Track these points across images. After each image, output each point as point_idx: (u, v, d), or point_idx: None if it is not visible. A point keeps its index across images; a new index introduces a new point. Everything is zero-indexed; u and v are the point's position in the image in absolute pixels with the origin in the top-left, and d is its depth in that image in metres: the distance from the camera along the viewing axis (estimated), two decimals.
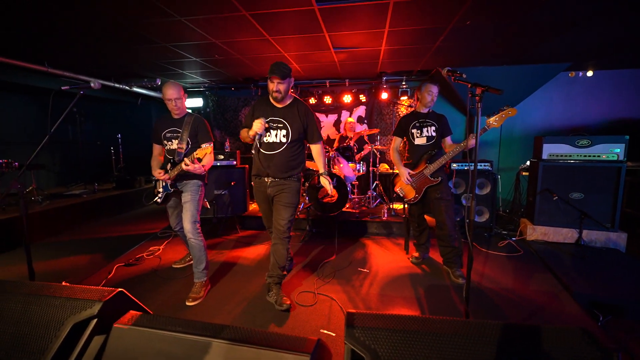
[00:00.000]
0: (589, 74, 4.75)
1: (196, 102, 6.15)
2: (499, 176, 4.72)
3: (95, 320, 1.04)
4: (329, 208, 4.18)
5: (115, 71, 4.72)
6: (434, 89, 2.78)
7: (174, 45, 3.50)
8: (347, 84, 5.51)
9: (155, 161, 2.67)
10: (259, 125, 2.21)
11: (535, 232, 3.65)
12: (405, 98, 5.17)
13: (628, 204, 3.89)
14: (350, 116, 5.85)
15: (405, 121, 2.96)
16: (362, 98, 5.59)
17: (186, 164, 2.37)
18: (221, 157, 4.53)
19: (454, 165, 3.99)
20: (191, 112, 2.61)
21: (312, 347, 0.85)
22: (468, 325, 0.94)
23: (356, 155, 4.70)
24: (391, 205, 4.61)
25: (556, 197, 3.49)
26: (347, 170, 4.39)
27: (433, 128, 2.84)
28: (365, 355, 0.88)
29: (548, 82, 4.65)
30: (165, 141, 2.58)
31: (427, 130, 2.85)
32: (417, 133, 2.88)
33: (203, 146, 2.35)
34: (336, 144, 4.92)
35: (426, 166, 2.79)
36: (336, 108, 5.92)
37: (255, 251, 3.55)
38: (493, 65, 4.42)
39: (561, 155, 3.56)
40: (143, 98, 6.41)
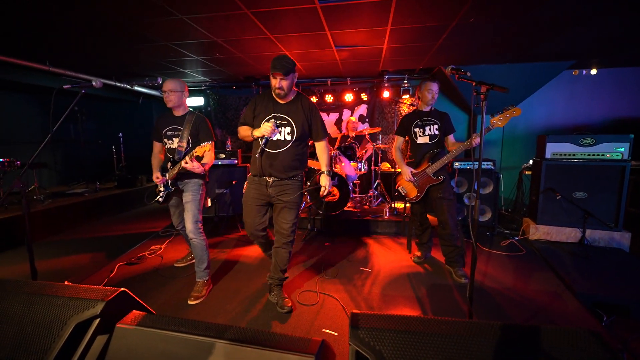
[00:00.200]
0: (593, 72, 4.72)
1: (197, 101, 6.15)
2: (501, 175, 4.70)
3: (98, 320, 1.04)
4: (330, 207, 4.17)
5: (117, 70, 4.71)
6: (433, 86, 2.76)
7: (175, 44, 3.49)
8: (349, 82, 5.49)
9: (156, 159, 2.65)
10: (268, 129, 2.06)
11: (538, 232, 3.64)
12: (407, 97, 5.14)
13: (632, 203, 3.87)
14: (351, 115, 5.83)
15: (407, 120, 2.95)
16: (364, 97, 5.57)
17: (186, 162, 2.35)
18: (222, 156, 4.53)
19: (457, 164, 3.97)
20: (192, 111, 2.59)
21: (317, 348, 0.84)
22: (473, 326, 0.93)
23: (358, 152, 4.68)
24: (393, 204, 4.60)
25: (559, 197, 3.47)
26: (349, 169, 4.38)
27: (436, 126, 2.82)
28: (370, 356, 0.87)
29: (551, 81, 4.62)
30: (165, 139, 2.56)
31: (430, 129, 2.83)
32: (420, 132, 2.86)
33: (203, 144, 2.33)
34: (337, 143, 4.91)
35: (428, 165, 2.78)
36: (338, 107, 5.90)
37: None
38: (496, 64, 4.39)
39: (565, 154, 3.54)
40: (144, 97, 6.41)
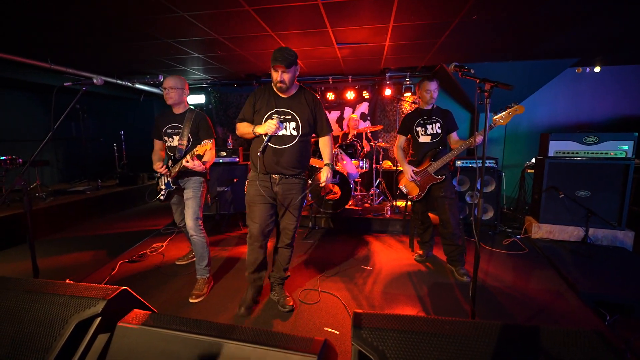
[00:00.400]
0: (597, 69, 4.68)
1: (198, 99, 6.14)
2: (504, 173, 4.68)
3: (99, 318, 1.03)
4: (332, 205, 4.17)
5: (118, 68, 4.70)
6: (431, 86, 2.73)
7: (176, 42, 3.48)
8: (350, 80, 5.46)
9: (157, 156, 2.64)
10: (272, 127, 1.96)
11: (541, 230, 3.62)
12: (409, 94, 5.11)
13: (635, 202, 3.84)
14: (353, 113, 5.81)
15: (409, 119, 2.93)
16: (365, 94, 5.54)
17: (187, 161, 2.34)
18: (223, 154, 4.53)
19: (459, 163, 3.96)
20: (192, 108, 2.58)
21: (319, 348, 0.84)
22: (477, 326, 0.92)
23: (359, 153, 4.68)
24: (394, 203, 4.59)
25: (562, 195, 3.45)
26: (350, 167, 4.37)
27: (438, 125, 2.80)
28: (373, 356, 0.87)
29: (554, 79, 4.58)
30: (166, 137, 2.55)
31: (432, 128, 2.81)
32: (422, 131, 2.85)
33: (204, 142, 2.32)
34: (339, 141, 4.90)
35: (430, 164, 2.76)
36: (339, 105, 5.88)
37: None
38: (499, 61, 4.36)
39: (568, 153, 3.51)
40: (145, 95, 6.41)
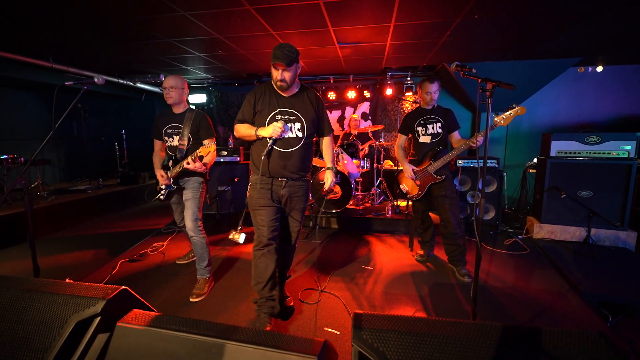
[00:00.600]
0: (599, 69, 4.66)
1: (200, 98, 6.14)
2: (505, 173, 4.67)
3: (99, 318, 1.03)
4: (332, 205, 4.16)
5: (119, 67, 4.71)
6: (431, 87, 2.70)
7: (178, 41, 3.48)
8: (351, 79, 5.45)
9: (157, 157, 2.64)
10: (278, 130, 1.86)
11: (542, 230, 3.60)
12: (410, 94, 5.10)
13: (638, 202, 3.81)
14: (354, 112, 5.80)
15: (410, 118, 2.92)
16: (367, 94, 5.53)
17: (188, 163, 2.33)
18: (224, 153, 4.53)
19: (460, 162, 3.94)
20: (192, 108, 2.57)
21: (319, 349, 0.83)
22: (478, 328, 0.91)
23: (360, 152, 4.67)
24: (395, 202, 4.58)
25: (564, 195, 3.43)
26: (351, 166, 4.36)
27: (439, 124, 2.79)
28: (373, 357, 0.86)
29: (556, 78, 4.56)
30: (166, 137, 2.55)
31: (433, 127, 2.80)
32: (422, 130, 2.83)
33: (205, 143, 2.31)
34: (340, 141, 4.89)
35: (430, 163, 2.75)
36: (340, 104, 5.87)
37: None
38: (500, 61, 4.34)
39: (570, 153, 3.50)
40: (147, 94, 6.42)
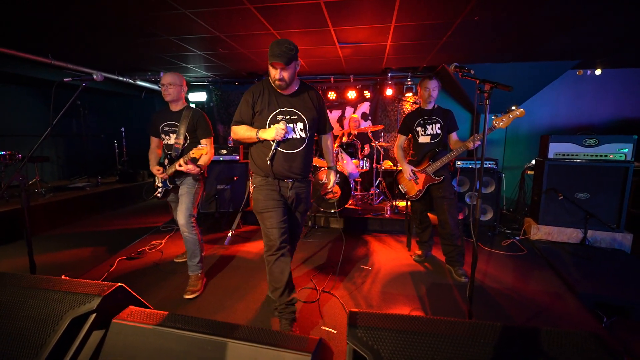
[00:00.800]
0: (598, 72, 4.67)
1: (200, 97, 6.13)
2: (504, 175, 4.68)
3: (94, 315, 1.03)
4: (331, 205, 4.16)
5: (119, 64, 4.69)
6: (430, 84, 2.72)
7: (178, 39, 3.47)
8: (352, 79, 5.45)
9: (153, 154, 2.62)
10: (281, 133, 1.81)
11: (540, 232, 3.61)
12: (410, 95, 5.11)
13: (634, 204, 3.84)
14: (354, 112, 5.80)
15: (409, 119, 2.92)
16: (367, 94, 5.53)
17: (180, 165, 2.31)
18: (224, 152, 4.52)
19: (459, 163, 3.95)
20: (190, 106, 2.53)
21: (314, 347, 0.83)
22: (473, 327, 0.92)
23: (360, 153, 4.68)
24: (394, 202, 4.59)
25: (562, 197, 3.44)
26: (351, 166, 4.37)
27: (438, 125, 2.80)
28: (367, 355, 0.86)
29: (555, 81, 4.57)
30: (162, 135, 2.52)
31: (432, 128, 2.81)
32: (422, 131, 2.84)
33: (202, 142, 2.28)
34: (339, 141, 4.89)
35: (429, 164, 2.76)
36: (340, 104, 5.87)
37: (258, 246, 3.54)
38: (500, 62, 4.35)
39: (568, 155, 3.51)
40: (146, 92, 6.40)
